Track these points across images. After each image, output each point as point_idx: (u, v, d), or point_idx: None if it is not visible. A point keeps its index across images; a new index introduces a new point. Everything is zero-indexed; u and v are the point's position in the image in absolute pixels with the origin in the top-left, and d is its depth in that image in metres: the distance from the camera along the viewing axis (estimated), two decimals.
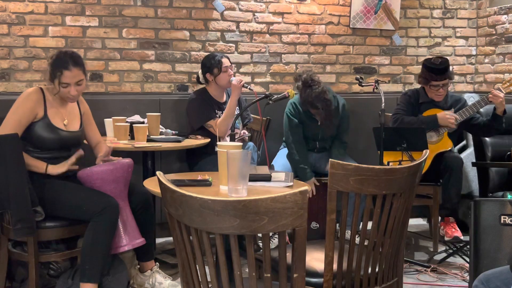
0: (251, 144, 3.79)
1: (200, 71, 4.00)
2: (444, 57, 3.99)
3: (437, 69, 3.90)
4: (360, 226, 2.07)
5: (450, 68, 4.04)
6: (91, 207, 2.79)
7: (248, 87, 3.84)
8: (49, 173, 2.93)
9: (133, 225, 2.97)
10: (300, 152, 3.90)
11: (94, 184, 2.88)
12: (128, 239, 2.92)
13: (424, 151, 2.22)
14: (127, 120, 3.80)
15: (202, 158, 3.79)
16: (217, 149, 3.75)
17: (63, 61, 2.94)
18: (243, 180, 2.17)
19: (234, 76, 3.94)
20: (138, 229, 2.99)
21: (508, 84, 3.85)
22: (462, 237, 3.89)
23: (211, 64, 3.85)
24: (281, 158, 4.04)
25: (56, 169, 2.95)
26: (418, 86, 4.26)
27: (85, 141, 3.26)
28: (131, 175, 3.02)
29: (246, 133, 3.95)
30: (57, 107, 3.03)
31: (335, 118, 3.94)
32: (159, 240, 4.01)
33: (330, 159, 1.95)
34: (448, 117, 3.85)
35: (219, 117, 3.84)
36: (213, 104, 3.89)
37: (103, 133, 3.83)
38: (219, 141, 3.43)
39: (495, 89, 3.83)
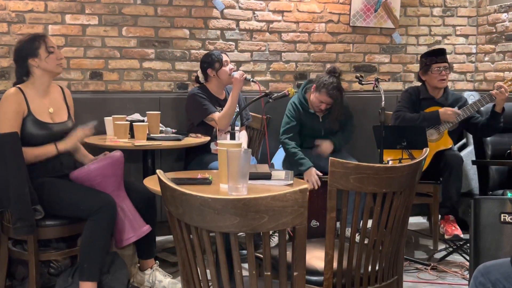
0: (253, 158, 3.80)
1: (199, 71, 4.00)
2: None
3: (436, 51, 4.04)
4: (360, 224, 2.07)
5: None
6: (88, 205, 2.79)
7: (251, 79, 3.85)
8: (60, 150, 2.95)
9: (135, 215, 2.96)
10: (295, 145, 3.91)
11: (94, 181, 2.88)
12: (133, 229, 2.92)
13: (424, 149, 2.22)
14: (127, 118, 3.80)
15: (196, 157, 3.80)
16: (212, 148, 3.80)
17: (35, 35, 3.09)
18: (243, 178, 2.17)
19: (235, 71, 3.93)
20: (141, 217, 2.99)
21: (510, 83, 3.84)
22: (462, 235, 3.89)
23: (211, 59, 3.86)
24: (281, 157, 4.04)
25: (66, 144, 2.98)
26: (418, 84, 4.27)
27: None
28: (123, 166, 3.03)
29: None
30: (40, 99, 3.01)
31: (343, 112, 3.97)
32: (159, 239, 4.01)
33: (330, 158, 1.95)
34: (450, 112, 3.87)
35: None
36: (213, 100, 3.89)
37: (103, 132, 3.83)
38: (219, 136, 3.44)
39: (497, 87, 3.82)
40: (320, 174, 3.82)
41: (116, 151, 3.01)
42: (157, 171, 1.63)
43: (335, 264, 1.99)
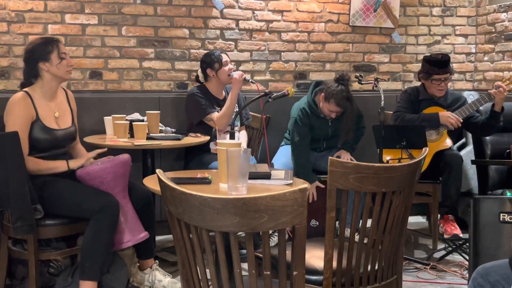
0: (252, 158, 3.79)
1: (199, 70, 4.01)
2: (444, 53, 4.00)
3: (439, 62, 3.93)
4: (360, 224, 2.07)
5: (451, 64, 4.06)
6: (91, 205, 2.79)
7: (250, 80, 3.85)
8: (71, 168, 2.96)
9: (135, 220, 2.97)
10: (307, 157, 3.91)
11: (105, 179, 2.87)
12: (131, 234, 2.92)
13: (423, 148, 2.22)
14: (126, 118, 3.80)
15: (196, 156, 3.80)
16: (211, 148, 3.80)
17: (48, 39, 3.06)
18: (243, 178, 2.17)
19: (235, 71, 3.93)
20: (141, 223, 3.00)
21: (509, 82, 3.85)
22: (461, 235, 3.90)
23: (211, 60, 3.87)
24: (281, 156, 4.04)
25: (76, 163, 2.98)
26: (417, 83, 4.27)
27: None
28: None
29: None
30: (47, 103, 3.02)
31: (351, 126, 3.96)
32: (159, 238, 4.01)
33: (329, 157, 1.95)
34: (450, 118, 3.85)
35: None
36: (212, 100, 3.90)
37: (103, 131, 3.83)
38: (219, 136, 3.45)
39: (496, 86, 3.82)
40: (322, 186, 3.84)
41: (124, 154, 3.02)
42: (157, 170, 1.63)
43: (334, 264, 1.99)
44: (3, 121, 2.97)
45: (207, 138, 3.74)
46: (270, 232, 2.08)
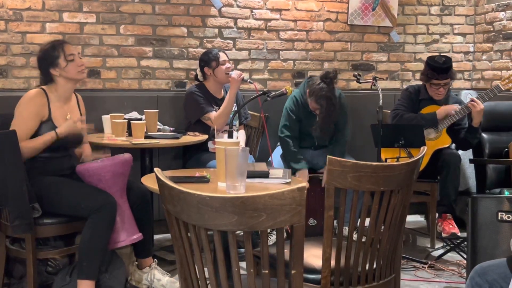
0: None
1: (198, 69, 4.01)
2: (448, 57, 3.96)
3: (439, 68, 3.89)
4: (358, 223, 2.07)
5: (452, 69, 4.02)
6: (89, 204, 2.79)
7: (248, 80, 3.84)
8: (60, 136, 2.93)
9: (131, 221, 2.97)
10: (295, 145, 3.91)
11: (104, 177, 2.87)
12: (126, 234, 2.92)
13: (422, 147, 2.22)
14: (125, 117, 3.80)
15: (194, 155, 3.80)
16: (209, 147, 3.80)
17: (54, 43, 3.07)
18: (241, 176, 2.17)
19: (233, 71, 3.93)
20: (136, 224, 3.00)
21: (508, 81, 3.84)
22: (459, 234, 3.90)
23: (208, 58, 3.87)
24: (279, 154, 4.04)
25: (63, 129, 2.94)
26: (415, 82, 4.27)
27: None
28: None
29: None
30: (61, 105, 3.05)
31: (333, 120, 3.92)
32: (157, 237, 4.01)
33: (328, 156, 1.95)
34: (447, 108, 3.85)
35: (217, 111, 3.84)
36: (210, 99, 3.89)
37: (101, 130, 3.83)
38: (216, 135, 3.44)
39: (494, 86, 3.83)
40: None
41: (125, 153, 3.02)
42: (155, 169, 1.63)
43: (332, 262, 1.99)
44: (5, 117, 2.98)
45: (205, 137, 3.74)
46: (269, 230, 2.08)
